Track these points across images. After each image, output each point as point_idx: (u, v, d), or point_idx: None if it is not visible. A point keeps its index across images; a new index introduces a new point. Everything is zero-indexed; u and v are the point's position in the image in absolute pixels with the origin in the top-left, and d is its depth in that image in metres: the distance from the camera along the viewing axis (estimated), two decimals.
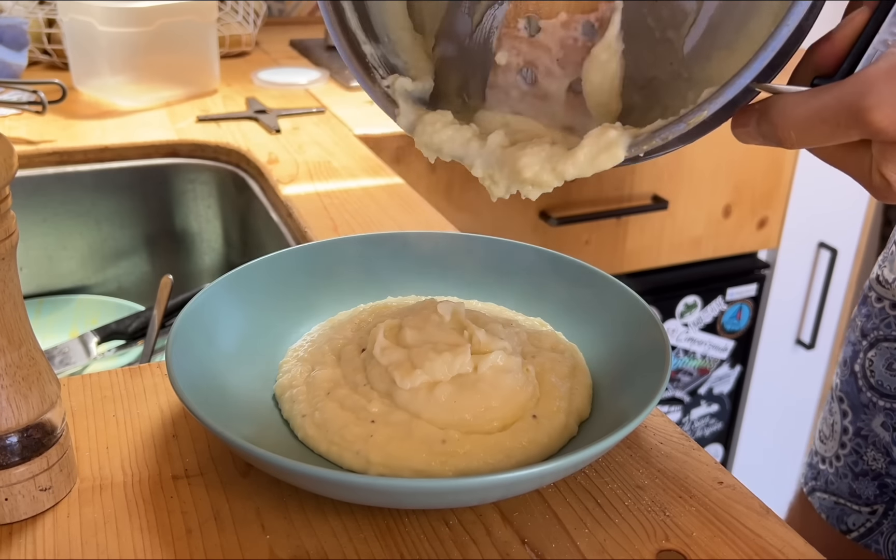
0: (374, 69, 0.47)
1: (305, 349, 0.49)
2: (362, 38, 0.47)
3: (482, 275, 0.57)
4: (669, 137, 0.38)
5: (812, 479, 0.73)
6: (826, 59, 0.38)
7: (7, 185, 0.35)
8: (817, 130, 0.36)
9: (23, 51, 1.07)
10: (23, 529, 0.38)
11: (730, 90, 0.36)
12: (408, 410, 0.43)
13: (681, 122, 0.38)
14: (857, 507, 0.68)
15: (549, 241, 1.21)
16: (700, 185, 1.31)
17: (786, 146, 0.38)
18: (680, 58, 0.43)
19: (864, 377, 0.66)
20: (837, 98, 0.35)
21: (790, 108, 0.37)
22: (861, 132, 0.35)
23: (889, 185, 0.37)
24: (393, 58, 0.48)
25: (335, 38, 0.46)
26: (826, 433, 0.71)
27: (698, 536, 0.39)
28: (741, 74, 0.36)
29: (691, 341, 1.42)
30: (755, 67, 0.36)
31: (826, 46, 0.38)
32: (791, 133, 0.37)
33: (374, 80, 0.46)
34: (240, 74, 1.21)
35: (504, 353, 0.45)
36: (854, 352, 0.68)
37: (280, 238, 0.80)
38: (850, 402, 0.68)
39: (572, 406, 0.45)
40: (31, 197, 0.90)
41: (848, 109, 0.35)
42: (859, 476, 0.67)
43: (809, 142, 0.37)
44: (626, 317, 0.50)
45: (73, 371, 0.75)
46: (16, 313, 0.37)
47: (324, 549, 0.37)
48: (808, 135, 0.37)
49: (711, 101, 0.37)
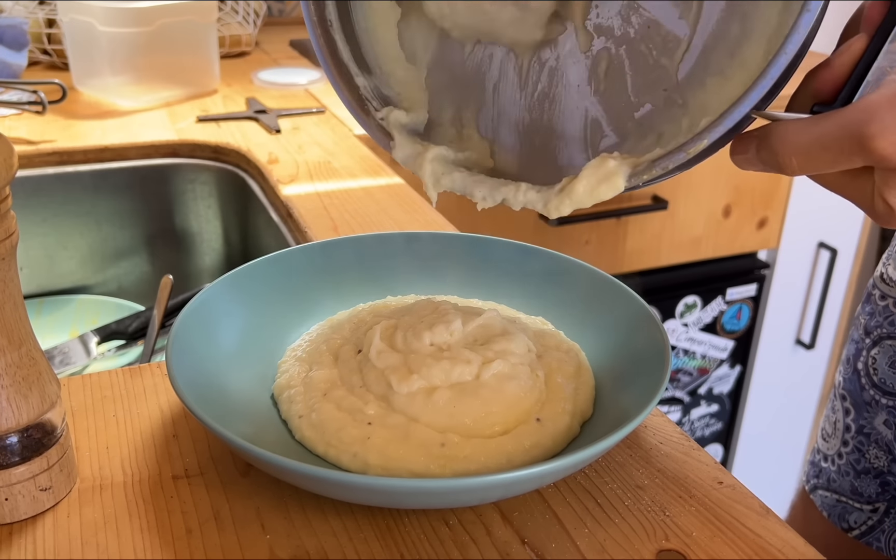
0: (367, 101, 0.47)
1: (303, 349, 0.49)
2: (355, 71, 0.47)
3: (482, 275, 0.57)
4: (670, 167, 0.38)
5: (814, 477, 0.73)
6: (825, 86, 0.38)
7: (7, 185, 0.35)
8: (820, 157, 0.36)
9: (23, 51, 1.07)
10: (23, 529, 0.38)
11: (729, 119, 0.36)
12: (405, 414, 0.42)
13: (680, 151, 0.38)
14: (859, 505, 0.68)
15: (550, 241, 1.21)
16: (700, 186, 1.31)
17: (787, 173, 0.38)
18: (674, 84, 0.43)
19: (867, 375, 0.66)
20: (840, 125, 0.35)
21: (792, 134, 0.37)
22: (864, 159, 0.35)
23: (892, 210, 0.37)
24: (386, 89, 0.48)
25: (327, 70, 0.47)
26: (828, 431, 0.71)
27: (698, 536, 0.39)
28: (740, 102, 0.36)
29: (691, 341, 1.42)
30: (754, 96, 0.36)
31: (825, 73, 0.38)
32: (793, 160, 0.37)
33: (368, 112, 0.47)
34: (240, 74, 1.21)
35: (508, 362, 0.45)
36: (857, 349, 0.68)
37: (280, 238, 0.80)
38: (852, 399, 0.68)
39: (577, 407, 0.45)
40: (32, 197, 0.90)
41: (851, 136, 0.35)
42: (861, 474, 0.67)
43: (812, 169, 0.37)
44: (625, 317, 0.50)
45: (74, 371, 0.75)
46: (16, 313, 0.37)
47: (324, 548, 0.38)
48: (810, 162, 0.37)
49: (710, 129, 0.37)
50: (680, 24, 0.42)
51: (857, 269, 1.59)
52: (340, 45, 0.46)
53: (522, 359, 0.46)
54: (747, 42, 0.40)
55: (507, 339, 0.46)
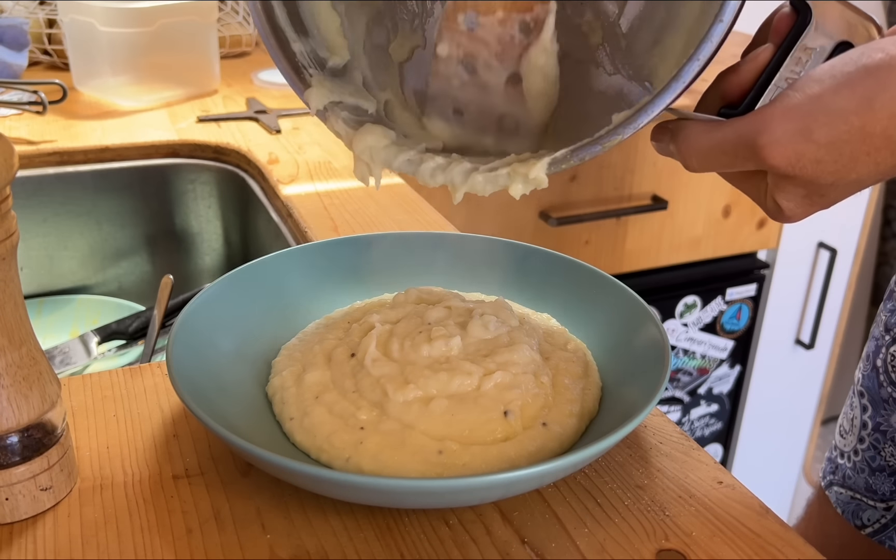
0: (303, 69, 0.47)
1: (298, 348, 0.49)
2: (292, 36, 0.47)
3: (481, 275, 0.57)
4: (586, 158, 0.40)
5: (830, 474, 0.72)
6: (732, 89, 0.41)
7: (8, 185, 0.35)
8: (717, 160, 0.41)
9: (23, 51, 1.07)
10: (23, 529, 0.38)
11: (643, 116, 0.38)
12: (400, 421, 0.42)
13: (597, 143, 0.40)
14: (873, 502, 0.67)
15: (549, 241, 1.21)
16: (700, 186, 1.31)
17: (689, 170, 0.42)
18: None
19: (885, 372, 0.66)
20: (737, 133, 0.39)
21: (693, 137, 0.41)
22: (756, 165, 0.39)
23: (781, 210, 0.42)
24: (322, 51, 0.49)
25: (265, 37, 0.47)
26: (846, 428, 0.71)
27: (698, 536, 0.39)
28: (654, 101, 0.38)
29: (691, 341, 1.42)
30: (667, 97, 0.38)
31: (733, 78, 0.41)
32: (693, 160, 0.41)
33: (304, 80, 0.47)
34: (240, 75, 1.21)
35: (510, 372, 0.44)
36: (877, 346, 0.68)
37: (280, 238, 0.80)
38: (870, 396, 0.67)
39: (584, 408, 0.44)
40: (32, 197, 0.90)
41: (745, 144, 0.39)
42: (876, 471, 0.67)
43: (709, 168, 0.41)
44: (625, 317, 0.50)
45: (74, 371, 0.75)
46: (16, 313, 0.37)
47: (324, 548, 0.38)
48: (708, 163, 0.41)
49: (625, 125, 0.39)
50: (609, 4, 0.45)
51: (857, 269, 1.59)
52: (278, 10, 0.47)
53: (526, 368, 0.45)
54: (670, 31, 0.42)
55: (510, 350, 0.46)
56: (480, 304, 0.50)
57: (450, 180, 0.43)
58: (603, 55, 0.46)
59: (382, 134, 0.45)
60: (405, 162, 0.44)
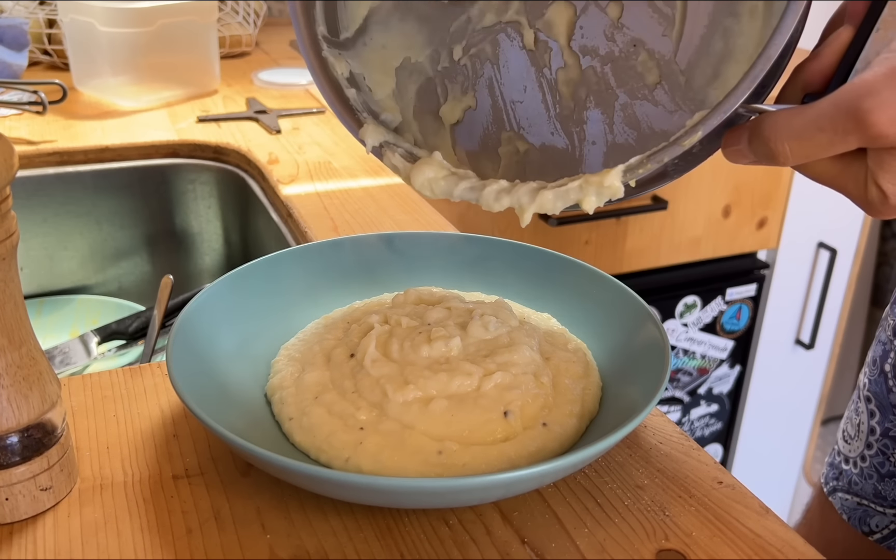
0: (357, 112, 0.47)
1: (297, 348, 0.49)
2: (345, 85, 0.48)
3: (481, 275, 0.57)
4: (665, 159, 0.38)
5: (833, 480, 0.71)
6: (814, 77, 0.38)
7: (7, 185, 0.35)
8: (814, 140, 0.36)
9: (23, 51, 1.07)
10: (23, 529, 0.38)
11: (721, 111, 0.36)
12: (400, 421, 0.42)
13: (676, 144, 0.38)
14: (882, 508, 0.66)
15: (549, 241, 1.21)
16: (700, 186, 1.31)
17: (779, 162, 0.37)
18: None
19: (894, 377, 0.65)
20: (834, 103, 0.35)
21: (783, 121, 0.36)
22: (860, 137, 0.34)
23: (886, 198, 0.36)
24: (374, 106, 0.49)
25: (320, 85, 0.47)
26: (851, 433, 0.70)
27: (698, 536, 0.39)
28: (731, 96, 0.36)
29: (691, 341, 1.42)
30: (745, 86, 0.36)
31: (814, 64, 0.38)
32: (786, 146, 0.36)
33: (357, 120, 0.47)
34: (240, 75, 1.21)
35: (510, 373, 0.44)
36: (884, 351, 0.66)
37: (280, 238, 0.80)
38: (878, 401, 0.66)
39: (585, 408, 0.44)
40: (32, 197, 0.90)
41: (846, 113, 0.34)
42: (885, 477, 0.66)
43: (806, 154, 0.36)
44: (625, 317, 0.50)
45: (74, 371, 0.75)
46: (16, 313, 0.37)
47: (324, 548, 0.38)
48: (804, 146, 0.36)
49: (704, 122, 0.37)
50: (664, 42, 0.43)
51: (857, 270, 1.59)
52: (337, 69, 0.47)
53: (526, 369, 0.45)
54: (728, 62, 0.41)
55: (510, 351, 0.46)
56: (480, 305, 0.50)
57: (517, 201, 0.41)
58: (662, 94, 0.45)
59: (439, 166, 0.44)
60: (467, 189, 0.43)
